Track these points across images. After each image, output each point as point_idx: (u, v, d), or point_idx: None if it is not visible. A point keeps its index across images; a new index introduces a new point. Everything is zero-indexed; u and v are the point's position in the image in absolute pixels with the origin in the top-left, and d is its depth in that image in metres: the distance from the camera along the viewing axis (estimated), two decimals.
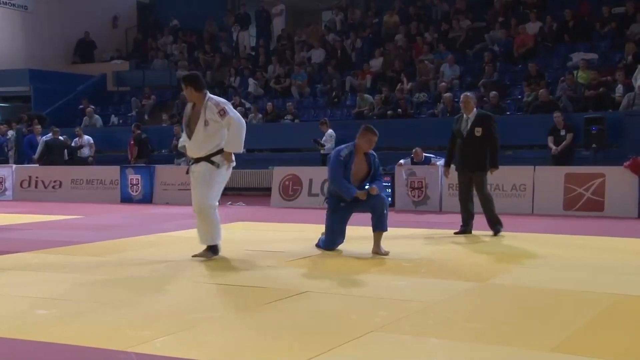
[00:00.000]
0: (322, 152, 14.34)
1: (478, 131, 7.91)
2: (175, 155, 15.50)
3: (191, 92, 6.42)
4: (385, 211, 6.53)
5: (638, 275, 5.64)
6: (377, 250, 6.52)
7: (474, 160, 8.01)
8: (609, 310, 4.47)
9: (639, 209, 10.09)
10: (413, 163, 11.97)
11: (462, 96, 8.43)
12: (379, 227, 6.52)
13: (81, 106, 19.34)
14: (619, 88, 13.47)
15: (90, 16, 22.57)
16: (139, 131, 16.17)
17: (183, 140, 6.68)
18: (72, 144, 16.56)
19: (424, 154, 12.08)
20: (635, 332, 3.95)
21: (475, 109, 8.18)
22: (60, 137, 16.25)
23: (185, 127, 6.52)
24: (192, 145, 6.42)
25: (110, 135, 17.81)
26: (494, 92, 14.07)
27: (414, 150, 12.12)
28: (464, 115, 8.13)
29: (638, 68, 13.62)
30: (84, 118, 18.63)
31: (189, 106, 6.55)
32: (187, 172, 6.62)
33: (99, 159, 16.95)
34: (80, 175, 14.64)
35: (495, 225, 8.04)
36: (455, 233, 8.14)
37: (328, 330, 4.00)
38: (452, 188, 10.72)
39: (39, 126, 17.04)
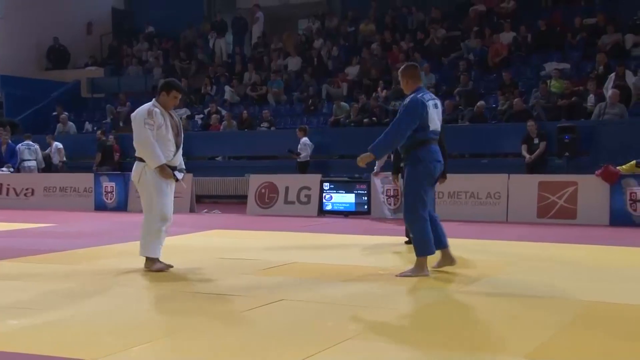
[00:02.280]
0: (298, 159, 14.36)
1: None
2: None
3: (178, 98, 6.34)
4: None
5: (610, 282, 5.71)
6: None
7: None
8: (582, 316, 4.53)
9: (610, 217, 10.24)
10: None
11: None
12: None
13: (55, 113, 19.13)
14: (591, 97, 13.70)
15: (65, 22, 22.35)
16: (103, 137, 16.05)
17: (170, 153, 6.17)
18: (46, 151, 16.37)
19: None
20: (607, 338, 4.00)
21: None
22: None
23: (175, 137, 6.22)
24: (178, 154, 6.29)
25: (84, 143, 17.62)
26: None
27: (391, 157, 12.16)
28: None
29: (609, 78, 13.86)
30: (58, 125, 18.42)
31: (166, 115, 6.17)
32: (177, 181, 6.31)
33: (72, 166, 16.75)
34: (53, 183, 14.46)
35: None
36: (407, 242, 8.09)
37: (304, 338, 3.99)
38: None
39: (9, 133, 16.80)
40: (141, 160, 6.17)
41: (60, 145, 16.39)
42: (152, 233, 6.19)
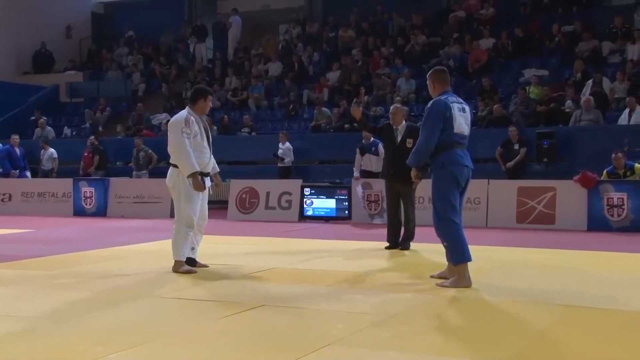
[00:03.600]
0: (279, 164, 14.35)
1: (409, 142, 7.89)
2: (135, 168, 15.28)
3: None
4: None
5: (588, 287, 5.77)
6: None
7: (403, 171, 7.72)
8: (562, 321, 4.57)
9: (588, 222, 10.35)
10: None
11: (392, 107, 8.50)
12: None
13: (33, 117, 18.94)
14: (569, 103, 13.86)
15: (43, 26, 22.15)
16: (96, 142, 15.93)
17: (206, 160, 6.36)
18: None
19: None
20: (586, 343, 4.04)
21: (404, 121, 8.25)
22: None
23: (208, 143, 6.42)
24: (212, 160, 6.49)
25: (64, 147, 17.44)
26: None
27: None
28: (393, 127, 8.17)
29: (586, 84, 14.04)
30: (36, 130, 18.24)
31: (200, 122, 6.35)
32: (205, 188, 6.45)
33: (61, 171, 16.50)
34: (31, 188, 14.32)
35: (408, 242, 8.06)
36: (387, 247, 8.11)
37: (285, 343, 3.99)
38: None
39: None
40: (175, 166, 6.33)
41: (55, 154, 16.12)
42: (180, 237, 6.37)
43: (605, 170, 10.77)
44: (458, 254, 5.58)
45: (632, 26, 15.69)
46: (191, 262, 6.56)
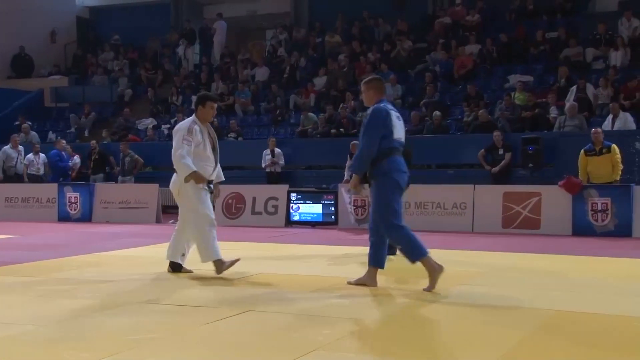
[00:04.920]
0: (267, 170, 14.35)
1: None
2: (121, 173, 15.21)
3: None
4: None
5: (572, 292, 5.81)
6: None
7: None
8: (546, 325, 4.60)
9: (573, 227, 10.43)
10: None
11: None
12: None
13: (17, 122, 18.79)
14: (553, 109, 13.97)
15: (28, 30, 22.00)
16: (98, 147, 15.87)
17: (210, 169, 6.37)
18: (25, 161, 15.93)
19: None
20: (571, 347, 4.06)
21: None
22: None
23: (213, 152, 6.39)
24: (216, 169, 6.49)
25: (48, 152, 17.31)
26: (437, 112, 14.36)
27: None
28: None
29: (570, 90, 14.16)
30: (20, 135, 18.09)
31: (205, 131, 6.34)
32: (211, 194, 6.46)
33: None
34: (15, 194, 14.19)
35: (394, 247, 8.05)
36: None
37: (271, 349, 3.98)
38: None
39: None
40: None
41: (46, 159, 15.95)
42: (206, 238, 6.32)
43: (582, 150, 10.87)
44: (414, 252, 5.69)
45: (615, 33, 15.85)
46: (177, 267, 6.54)
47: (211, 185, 6.46)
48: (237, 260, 6.45)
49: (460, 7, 18.76)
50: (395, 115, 5.83)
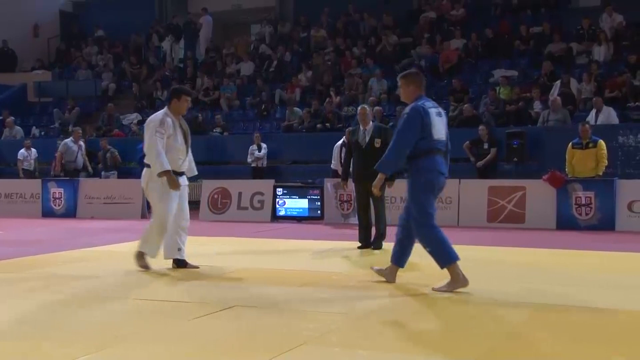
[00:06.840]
0: (253, 165, 14.32)
1: (377, 142, 7.92)
2: (103, 168, 15.11)
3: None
4: None
5: (557, 286, 5.84)
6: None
7: (373, 171, 7.67)
8: (532, 319, 4.63)
9: (557, 221, 10.50)
10: None
11: (359, 108, 8.51)
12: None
13: (0, 117, 18.61)
14: (537, 104, 14.04)
15: (10, 24, 21.74)
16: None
17: (179, 161, 6.37)
18: (19, 157, 15.75)
19: None
20: (556, 341, 4.09)
21: (371, 121, 8.29)
22: None
23: (184, 144, 6.45)
24: (187, 160, 6.53)
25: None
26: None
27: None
28: (361, 127, 8.21)
29: (555, 85, 14.23)
30: (4, 130, 17.94)
31: (176, 123, 6.38)
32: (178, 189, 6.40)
33: (15, 172, 16.22)
34: None
35: (380, 241, 8.10)
36: (360, 247, 8.15)
37: (257, 344, 3.98)
38: None
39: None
40: (149, 166, 6.34)
41: (36, 154, 15.79)
42: (150, 234, 6.43)
43: (570, 143, 10.95)
44: (444, 256, 5.47)
45: (598, 28, 15.95)
46: (180, 263, 6.53)
47: (184, 177, 6.51)
48: (149, 268, 6.44)
49: (445, 2, 18.77)
50: (435, 112, 5.49)
